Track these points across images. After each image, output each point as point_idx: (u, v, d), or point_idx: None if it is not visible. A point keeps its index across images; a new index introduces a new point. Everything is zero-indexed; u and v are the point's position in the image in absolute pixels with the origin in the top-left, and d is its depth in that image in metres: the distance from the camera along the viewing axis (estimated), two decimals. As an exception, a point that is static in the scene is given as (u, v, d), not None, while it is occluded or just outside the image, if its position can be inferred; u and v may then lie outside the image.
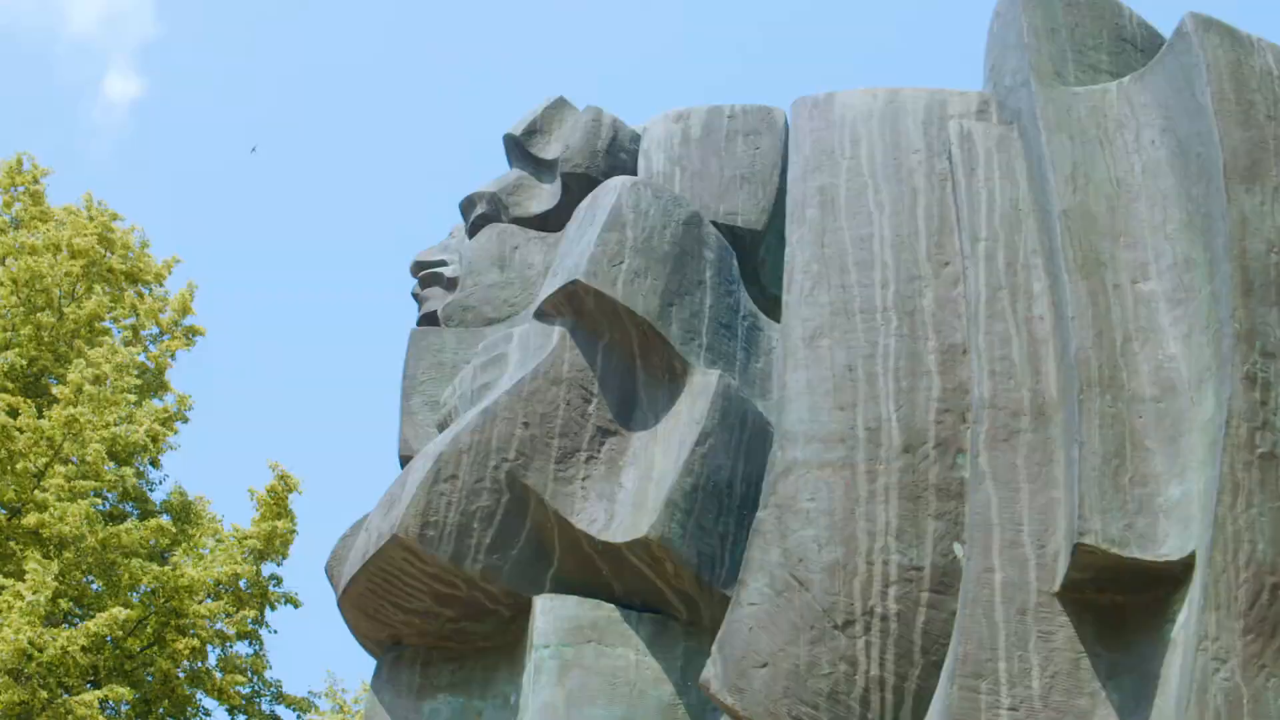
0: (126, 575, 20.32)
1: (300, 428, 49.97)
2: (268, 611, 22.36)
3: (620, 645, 10.65)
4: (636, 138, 14.94)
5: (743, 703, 8.58)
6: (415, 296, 15.12)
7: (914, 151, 10.29)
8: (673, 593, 10.85)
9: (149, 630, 20.92)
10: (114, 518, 21.91)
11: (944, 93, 10.67)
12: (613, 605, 10.86)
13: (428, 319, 14.49)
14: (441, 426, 12.33)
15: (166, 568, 20.65)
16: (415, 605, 11.17)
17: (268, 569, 22.33)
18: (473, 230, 15.05)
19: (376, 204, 55.27)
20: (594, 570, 10.98)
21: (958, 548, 8.77)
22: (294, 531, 22.43)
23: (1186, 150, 8.98)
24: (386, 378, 26.16)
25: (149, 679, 20.88)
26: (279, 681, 22.54)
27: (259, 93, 54.84)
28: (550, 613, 10.72)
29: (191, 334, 25.36)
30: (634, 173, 14.48)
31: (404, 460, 12.90)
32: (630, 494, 11.04)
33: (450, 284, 14.63)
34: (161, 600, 20.68)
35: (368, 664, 11.94)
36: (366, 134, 56.08)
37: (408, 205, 54.81)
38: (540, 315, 12.05)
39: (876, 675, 8.54)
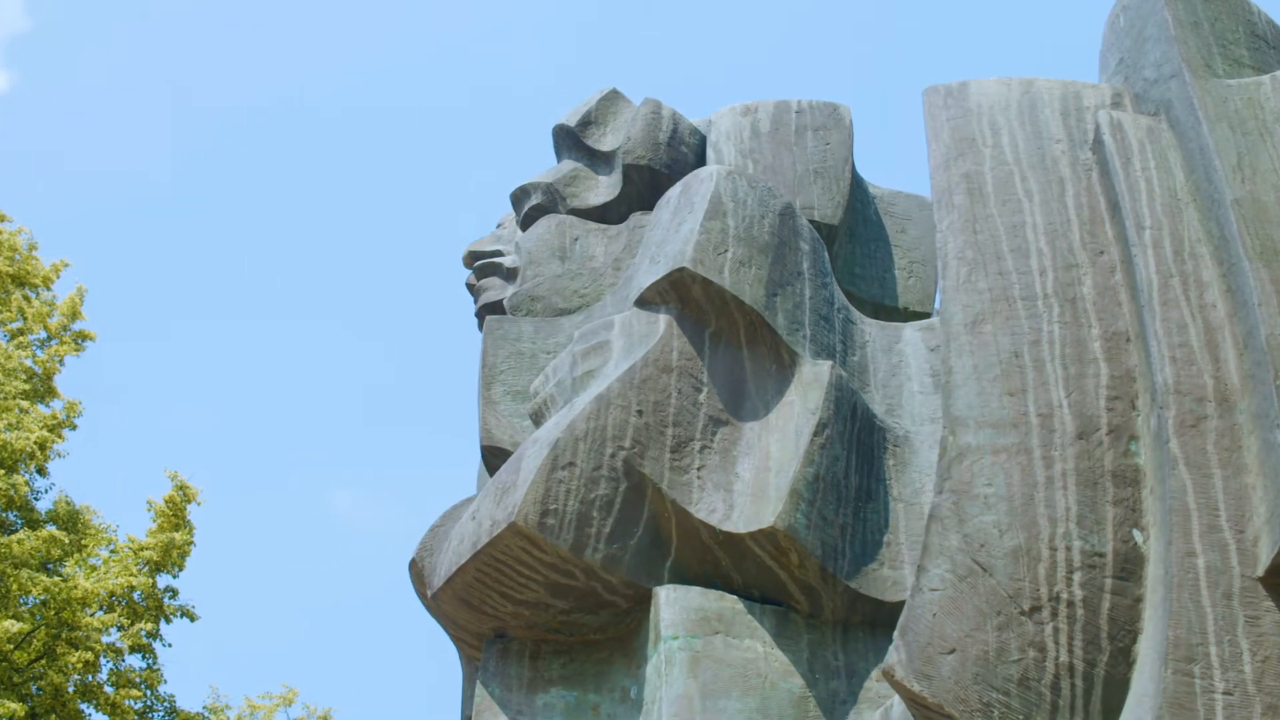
0: (16, 586, 19.58)
1: (196, 437, 48.72)
2: (163, 624, 21.79)
3: (748, 637, 10.41)
4: (695, 131, 14.79)
5: (931, 690, 8.40)
6: (470, 287, 14.80)
7: (1056, 141, 10.26)
8: (795, 584, 10.65)
9: (38, 643, 20.20)
10: (-3, 527, 21.21)
11: (1076, 84, 10.66)
12: (735, 596, 10.64)
13: (488, 309, 14.18)
14: (535, 415, 12.01)
15: (58, 579, 19.96)
16: (526, 596, 10.83)
17: (163, 581, 21.78)
18: (526, 221, 14.77)
19: (268, 201, 54.17)
20: (713, 561, 10.74)
21: (1137, 534, 8.70)
22: (191, 543, 21.92)
23: (1355, 142, 9.05)
24: (284, 384, 25.63)
25: (38, 692, 20.12)
26: (173, 696, 22.03)
27: (132, 88, 53.49)
28: (675, 604, 10.46)
29: (81, 339, 24.41)
30: (694, 165, 14.31)
31: (486, 449, 12.56)
32: (748, 484, 10.82)
33: (509, 274, 14.34)
34: (52, 612, 19.96)
35: (255, 678, 11.42)
36: (261, 130, 55.05)
37: (306, 204, 53.90)
38: (642, 303, 11.80)
39: (1066, 661, 8.42)
